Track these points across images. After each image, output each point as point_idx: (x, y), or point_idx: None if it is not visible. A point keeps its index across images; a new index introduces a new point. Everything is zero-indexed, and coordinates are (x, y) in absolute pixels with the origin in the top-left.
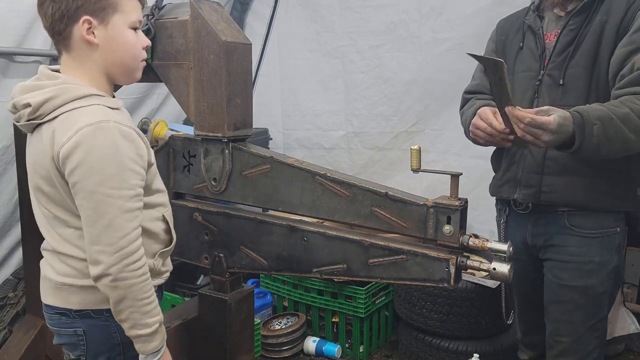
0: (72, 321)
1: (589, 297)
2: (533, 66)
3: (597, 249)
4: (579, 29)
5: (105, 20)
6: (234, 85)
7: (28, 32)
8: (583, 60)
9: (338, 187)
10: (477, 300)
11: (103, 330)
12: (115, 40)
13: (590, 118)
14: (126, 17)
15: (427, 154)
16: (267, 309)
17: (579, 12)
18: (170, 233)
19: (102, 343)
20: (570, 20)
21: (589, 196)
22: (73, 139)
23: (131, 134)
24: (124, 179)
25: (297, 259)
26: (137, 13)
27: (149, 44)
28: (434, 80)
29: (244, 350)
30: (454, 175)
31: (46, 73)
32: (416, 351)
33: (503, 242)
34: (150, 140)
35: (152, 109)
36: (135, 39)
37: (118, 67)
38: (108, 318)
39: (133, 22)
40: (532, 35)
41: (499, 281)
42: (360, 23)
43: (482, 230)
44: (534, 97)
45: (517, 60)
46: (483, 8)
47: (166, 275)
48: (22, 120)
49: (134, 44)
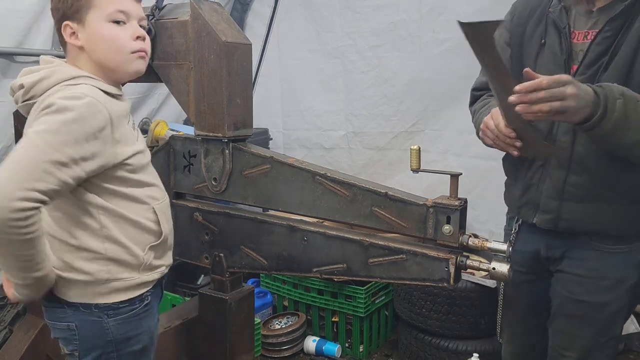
0: (65, 315)
1: (603, 314)
2: (556, 73)
3: (617, 264)
4: (616, 36)
5: (82, 20)
6: (234, 85)
7: (28, 32)
8: (616, 74)
9: (338, 187)
10: (477, 300)
11: (95, 325)
12: (94, 36)
13: (614, 92)
14: (100, 12)
15: (427, 154)
16: (267, 309)
17: (617, 16)
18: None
19: (95, 339)
20: (606, 26)
21: (612, 223)
22: (46, 101)
23: (102, 118)
24: (65, 144)
25: (297, 258)
26: (115, 4)
27: (142, 34)
28: (434, 80)
29: (244, 349)
30: (454, 175)
31: (45, 59)
32: (416, 351)
33: (503, 242)
34: (150, 140)
35: (152, 109)
36: (115, 31)
37: (105, 62)
38: (100, 314)
39: (110, 14)
40: (557, 33)
41: (499, 281)
42: (360, 23)
43: (482, 230)
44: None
45: (538, 61)
46: (483, 8)
47: (161, 269)
48: (19, 102)
49: (113, 37)
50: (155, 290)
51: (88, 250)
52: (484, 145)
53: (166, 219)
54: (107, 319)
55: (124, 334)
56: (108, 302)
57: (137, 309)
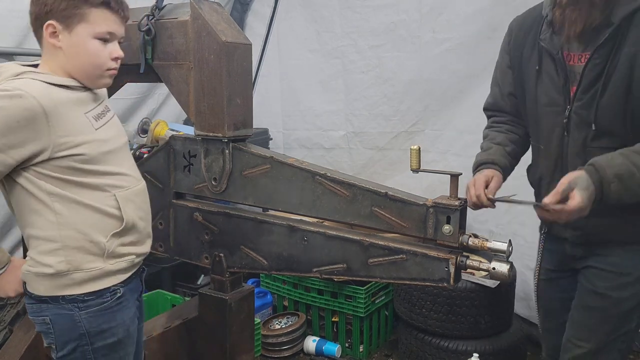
0: (40, 310)
1: (620, 308)
2: (557, 99)
3: (639, 262)
4: (605, 62)
5: (70, 27)
6: (234, 85)
7: (28, 32)
8: (615, 99)
9: (338, 187)
10: (477, 299)
11: (68, 319)
12: (77, 47)
13: (608, 177)
14: (92, 28)
15: (427, 154)
16: (267, 309)
17: (604, 43)
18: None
19: (69, 332)
20: (594, 53)
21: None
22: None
23: (29, 108)
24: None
25: (297, 258)
26: (107, 25)
27: (120, 55)
28: (434, 80)
29: (244, 349)
30: (454, 175)
31: (3, 64)
32: (416, 351)
33: (502, 242)
34: (150, 140)
35: (152, 109)
36: (99, 49)
37: (78, 71)
38: (71, 307)
39: (99, 33)
40: (551, 60)
41: (499, 281)
42: (360, 23)
43: (482, 230)
44: (563, 134)
45: (538, 88)
46: (483, 8)
47: (130, 258)
48: None
49: (96, 53)
50: (130, 284)
51: (46, 240)
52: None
53: (135, 206)
54: (79, 312)
55: (97, 327)
56: (73, 294)
57: (108, 302)
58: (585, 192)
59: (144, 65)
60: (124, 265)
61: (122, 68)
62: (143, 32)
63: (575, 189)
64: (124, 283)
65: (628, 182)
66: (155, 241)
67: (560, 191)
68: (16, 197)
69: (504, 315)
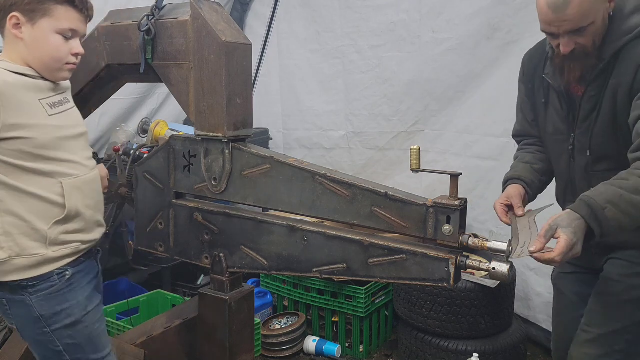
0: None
1: (632, 295)
2: (562, 128)
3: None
4: (599, 95)
5: (33, 20)
6: (234, 85)
7: None
8: (605, 127)
9: (338, 187)
10: (477, 299)
11: (20, 304)
12: (38, 40)
13: (599, 203)
14: (55, 24)
15: (427, 154)
16: (267, 309)
17: (596, 77)
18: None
19: (24, 316)
20: (589, 87)
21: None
22: None
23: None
24: None
25: (297, 258)
26: (70, 22)
27: (80, 52)
28: (434, 80)
29: (244, 349)
30: (454, 175)
31: None
32: (416, 351)
33: (502, 242)
34: (150, 140)
35: (152, 109)
36: (60, 44)
37: (38, 63)
38: (21, 292)
39: (62, 29)
40: (555, 93)
41: (499, 281)
42: (360, 23)
43: (482, 230)
44: (570, 160)
45: (546, 119)
46: (483, 8)
47: (74, 245)
48: None
49: (57, 47)
50: (81, 265)
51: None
52: (483, 145)
53: (82, 194)
54: (30, 296)
55: (49, 310)
56: (17, 280)
57: (57, 285)
58: (569, 229)
59: (144, 65)
60: (67, 251)
61: (122, 68)
62: (143, 32)
63: (558, 228)
64: (71, 265)
65: (621, 205)
66: (155, 241)
67: (544, 234)
68: None
69: (504, 315)
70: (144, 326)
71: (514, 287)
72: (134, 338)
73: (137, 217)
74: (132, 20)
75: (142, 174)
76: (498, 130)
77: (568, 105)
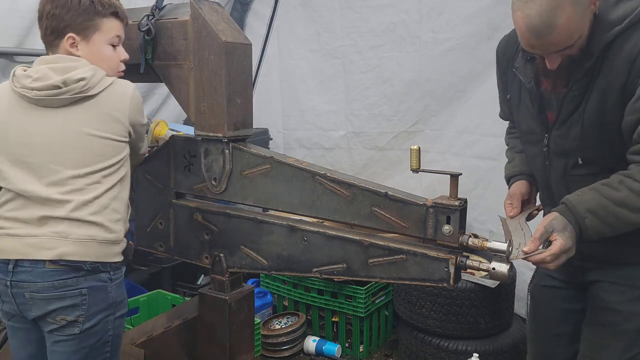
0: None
1: (634, 325)
2: (535, 128)
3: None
4: (583, 95)
5: (87, 37)
6: (234, 85)
7: (28, 33)
8: (590, 129)
9: (338, 187)
10: (477, 299)
11: (103, 288)
12: (95, 54)
13: (579, 211)
14: (105, 36)
15: (427, 154)
16: (267, 309)
17: (582, 76)
18: None
19: (101, 301)
20: (573, 86)
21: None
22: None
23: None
24: None
25: (297, 258)
26: (116, 31)
27: (126, 57)
28: (434, 80)
29: (244, 349)
30: (454, 175)
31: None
32: (416, 350)
33: (502, 242)
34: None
35: (152, 109)
36: (112, 54)
37: None
38: (112, 275)
39: (111, 39)
40: (525, 90)
41: (499, 281)
42: (360, 23)
43: (482, 230)
44: (545, 163)
45: (520, 116)
46: (483, 8)
47: None
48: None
49: (111, 58)
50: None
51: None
52: (483, 145)
53: None
54: (110, 283)
55: (119, 297)
56: (117, 262)
57: (122, 275)
58: (565, 233)
59: (144, 65)
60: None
61: None
62: (143, 32)
63: (554, 232)
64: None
65: (602, 215)
66: (156, 241)
67: (539, 237)
68: None
69: (504, 315)
70: (144, 326)
71: (514, 287)
72: (134, 338)
73: (137, 217)
74: (132, 20)
75: (142, 174)
76: (498, 130)
77: (539, 103)
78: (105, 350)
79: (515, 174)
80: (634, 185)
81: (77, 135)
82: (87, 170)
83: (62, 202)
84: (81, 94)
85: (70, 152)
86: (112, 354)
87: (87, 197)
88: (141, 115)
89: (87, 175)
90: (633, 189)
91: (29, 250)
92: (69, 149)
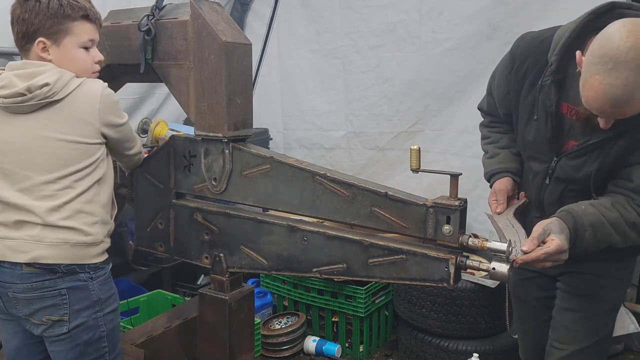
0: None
1: (600, 309)
2: (544, 149)
3: (618, 266)
4: (614, 138)
5: (57, 41)
6: (234, 85)
7: None
8: (607, 167)
9: (338, 187)
10: (477, 300)
11: (83, 287)
12: (66, 58)
13: (584, 224)
14: (77, 39)
15: (427, 154)
16: (267, 309)
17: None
18: None
19: (84, 299)
20: (610, 130)
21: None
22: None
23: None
24: None
25: (297, 258)
26: (88, 34)
27: (101, 59)
28: (434, 80)
29: (244, 349)
30: (454, 175)
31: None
32: (416, 350)
33: (502, 242)
34: (150, 140)
35: (152, 109)
36: (84, 56)
37: None
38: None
39: (83, 42)
40: (544, 109)
41: (499, 281)
42: (360, 23)
43: (482, 230)
44: (544, 182)
45: (527, 129)
46: (483, 8)
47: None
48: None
49: (84, 60)
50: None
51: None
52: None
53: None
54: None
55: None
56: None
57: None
58: (562, 235)
59: (144, 65)
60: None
61: (122, 68)
62: (143, 32)
63: (551, 233)
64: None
65: (599, 232)
66: (156, 241)
67: (537, 236)
68: None
69: (504, 315)
70: (144, 326)
71: None
72: (134, 338)
73: (137, 217)
74: (132, 20)
75: (142, 174)
76: None
77: (554, 127)
78: (102, 345)
79: (500, 170)
80: (622, 211)
81: (45, 140)
82: (56, 176)
83: (33, 207)
84: (47, 99)
85: (39, 158)
86: (111, 348)
87: (57, 203)
88: (115, 115)
89: (57, 181)
90: (623, 214)
91: (7, 253)
92: (37, 154)
